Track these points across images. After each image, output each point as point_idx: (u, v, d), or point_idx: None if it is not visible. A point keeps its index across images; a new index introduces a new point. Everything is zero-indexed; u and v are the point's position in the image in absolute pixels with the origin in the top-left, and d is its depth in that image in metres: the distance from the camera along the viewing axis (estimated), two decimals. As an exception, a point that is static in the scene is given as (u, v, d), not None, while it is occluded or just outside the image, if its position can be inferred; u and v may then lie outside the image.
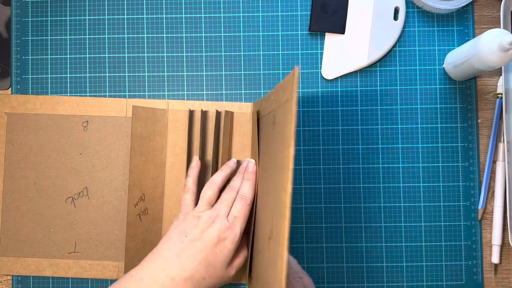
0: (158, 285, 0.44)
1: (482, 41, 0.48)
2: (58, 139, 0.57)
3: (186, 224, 0.48)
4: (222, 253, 0.46)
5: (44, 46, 0.58)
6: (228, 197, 0.49)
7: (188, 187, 0.52)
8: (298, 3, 0.58)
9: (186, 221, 0.48)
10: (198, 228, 0.47)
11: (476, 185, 0.56)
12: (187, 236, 0.47)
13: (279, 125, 0.43)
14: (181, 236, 0.47)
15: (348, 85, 0.58)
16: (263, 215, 0.47)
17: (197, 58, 0.58)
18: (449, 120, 0.57)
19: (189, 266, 0.45)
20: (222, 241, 0.46)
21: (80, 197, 0.56)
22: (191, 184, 0.52)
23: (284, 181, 0.38)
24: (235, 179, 0.52)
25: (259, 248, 0.48)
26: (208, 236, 0.46)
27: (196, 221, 0.48)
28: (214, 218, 0.47)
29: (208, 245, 0.46)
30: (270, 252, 0.42)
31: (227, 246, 0.47)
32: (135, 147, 0.54)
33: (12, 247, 0.56)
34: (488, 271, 0.56)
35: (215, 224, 0.47)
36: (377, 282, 0.56)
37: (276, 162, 0.43)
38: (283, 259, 0.37)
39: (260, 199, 0.49)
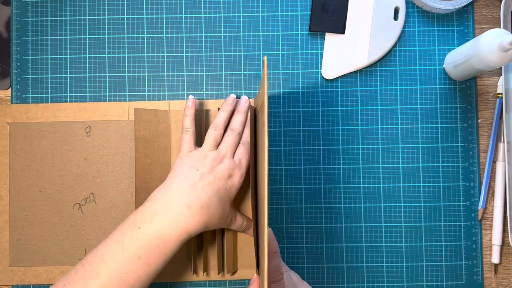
0: (174, 214, 0.44)
1: (482, 41, 0.48)
2: (62, 146, 0.57)
3: (194, 160, 0.49)
4: (230, 190, 0.49)
5: (44, 46, 0.58)
6: (231, 140, 0.51)
7: (186, 127, 0.52)
8: (298, 3, 0.58)
9: (193, 158, 0.49)
10: (208, 164, 0.48)
11: (476, 185, 0.56)
12: (198, 170, 0.47)
13: (260, 119, 0.45)
14: (192, 170, 0.48)
15: (348, 85, 0.58)
16: (261, 208, 0.48)
17: (197, 58, 0.58)
18: (449, 120, 0.57)
19: (204, 196, 0.46)
20: (230, 178, 0.49)
21: (87, 202, 0.56)
22: (189, 124, 0.52)
23: (262, 173, 0.40)
24: (235, 118, 0.52)
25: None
26: (219, 171, 0.48)
27: (204, 159, 0.49)
28: (222, 157, 0.49)
29: (220, 179, 0.48)
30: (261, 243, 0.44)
31: (235, 183, 0.49)
32: (140, 150, 0.54)
33: (22, 256, 0.56)
34: (488, 271, 0.56)
35: (224, 162, 0.49)
36: (377, 282, 0.56)
37: (261, 155, 0.44)
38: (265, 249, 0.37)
39: (259, 194, 0.50)
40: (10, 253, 0.56)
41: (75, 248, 0.56)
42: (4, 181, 0.56)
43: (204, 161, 0.49)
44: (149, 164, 0.54)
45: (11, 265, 0.56)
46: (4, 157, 0.57)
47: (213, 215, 0.46)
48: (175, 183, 0.47)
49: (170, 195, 0.46)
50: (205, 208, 0.46)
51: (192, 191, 0.46)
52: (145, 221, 0.45)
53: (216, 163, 0.49)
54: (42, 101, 0.58)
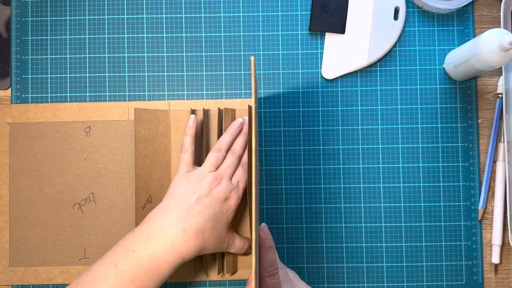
0: (169, 238, 0.45)
1: (482, 41, 0.48)
2: (62, 146, 0.57)
3: (192, 182, 0.49)
4: (227, 213, 0.48)
5: (44, 46, 0.58)
6: (230, 162, 0.51)
7: (186, 146, 0.51)
8: (298, 3, 0.58)
9: (190, 179, 0.49)
10: (205, 187, 0.48)
11: (476, 185, 0.56)
12: (195, 193, 0.47)
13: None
14: (189, 193, 0.47)
15: (348, 85, 0.58)
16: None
17: (197, 58, 0.58)
18: (449, 120, 0.57)
19: (200, 220, 0.46)
20: (227, 201, 0.48)
21: (87, 202, 0.56)
22: (189, 144, 0.52)
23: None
24: (237, 141, 0.53)
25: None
26: (216, 194, 0.48)
27: (201, 180, 0.49)
28: (219, 179, 0.49)
29: (216, 202, 0.48)
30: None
31: (231, 205, 0.49)
32: (140, 150, 0.54)
33: (22, 256, 0.56)
34: (488, 271, 0.56)
35: (221, 185, 0.49)
36: (377, 282, 0.56)
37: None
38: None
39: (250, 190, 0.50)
40: (10, 253, 0.56)
41: (75, 248, 0.56)
42: (4, 181, 0.56)
43: (202, 182, 0.48)
44: (149, 164, 0.54)
45: (11, 265, 0.56)
46: (4, 157, 0.57)
47: (208, 239, 0.46)
48: (171, 206, 0.47)
49: (165, 219, 0.46)
50: (200, 232, 0.46)
51: (188, 215, 0.46)
52: (140, 244, 0.45)
53: (214, 185, 0.48)
54: (42, 101, 0.58)
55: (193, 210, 0.46)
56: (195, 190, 0.48)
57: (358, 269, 0.56)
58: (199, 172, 0.50)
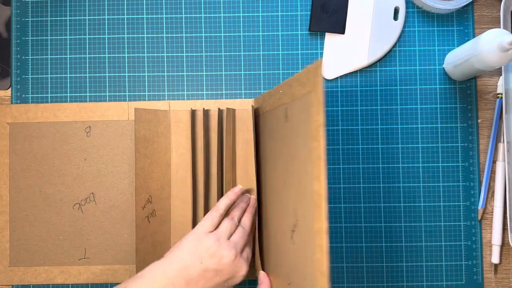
0: None
1: (482, 41, 0.48)
2: (62, 146, 0.57)
3: (204, 248, 0.46)
4: (229, 285, 0.47)
5: (44, 46, 0.58)
6: (243, 234, 0.49)
7: (220, 207, 0.50)
8: (298, 3, 0.58)
9: (203, 244, 0.46)
10: (217, 260, 0.46)
11: (476, 185, 0.56)
12: (202, 263, 0.45)
13: (295, 118, 0.42)
14: (195, 260, 0.46)
15: (348, 85, 0.58)
16: (276, 209, 0.47)
17: (197, 58, 0.58)
18: (449, 120, 0.57)
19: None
20: (235, 276, 0.47)
21: (87, 202, 0.56)
22: (225, 206, 0.50)
23: (316, 171, 0.37)
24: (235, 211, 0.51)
25: (276, 242, 0.48)
26: (226, 270, 0.46)
27: (216, 250, 0.46)
28: (236, 255, 0.46)
29: (222, 278, 0.46)
30: (295, 245, 0.42)
31: (238, 281, 0.47)
32: (140, 150, 0.54)
33: (22, 256, 0.56)
34: (488, 271, 0.56)
35: (237, 263, 0.46)
36: (377, 282, 0.56)
37: (295, 155, 0.42)
38: (323, 248, 0.36)
39: (267, 195, 0.49)
40: (10, 253, 0.56)
41: (75, 248, 0.56)
42: (4, 181, 0.56)
43: (213, 252, 0.46)
44: (149, 164, 0.54)
45: (11, 265, 0.56)
46: (4, 157, 0.57)
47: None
48: (172, 272, 0.45)
49: (164, 280, 0.45)
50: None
51: (186, 284, 0.45)
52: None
53: (226, 263, 0.46)
54: (42, 101, 0.58)
55: (192, 281, 0.45)
56: (204, 260, 0.45)
57: (357, 269, 0.56)
58: (214, 241, 0.46)
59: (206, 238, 0.47)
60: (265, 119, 0.52)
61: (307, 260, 0.40)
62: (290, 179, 0.44)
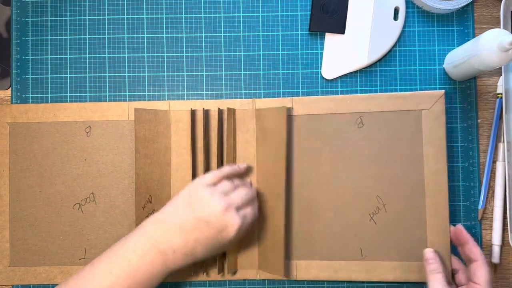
0: (159, 252, 0.46)
1: (482, 41, 0.48)
2: (62, 146, 0.57)
3: (197, 198, 0.47)
4: (222, 239, 0.47)
5: (44, 46, 0.58)
6: (243, 194, 0.49)
7: (226, 172, 0.51)
8: (298, 3, 0.58)
9: (198, 194, 0.47)
10: (207, 209, 0.46)
11: (476, 185, 0.56)
12: (193, 212, 0.46)
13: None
14: (188, 210, 0.47)
15: (348, 85, 0.58)
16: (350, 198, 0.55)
17: (197, 58, 0.58)
18: (449, 120, 0.57)
19: (190, 243, 0.46)
20: (226, 229, 0.47)
21: (87, 202, 0.56)
22: (229, 171, 0.51)
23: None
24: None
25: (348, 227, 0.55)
26: (216, 222, 0.46)
27: (208, 200, 0.47)
28: (227, 207, 0.46)
29: (213, 230, 0.46)
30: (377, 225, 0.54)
31: (230, 235, 0.47)
32: (140, 150, 0.54)
33: (22, 256, 0.56)
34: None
35: (226, 215, 0.46)
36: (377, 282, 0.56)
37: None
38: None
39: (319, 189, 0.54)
40: (10, 253, 0.56)
41: (75, 248, 0.56)
42: (4, 181, 0.56)
43: (207, 202, 0.47)
44: (149, 164, 0.54)
45: (11, 265, 0.56)
46: (4, 157, 0.57)
47: (198, 258, 0.47)
48: (167, 220, 0.47)
49: (158, 234, 0.46)
50: (189, 255, 0.46)
51: (180, 234, 0.46)
52: (135, 254, 0.46)
53: (217, 212, 0.46)
54: (42, 101, 0.58)
55: (185, 229, 0.46)
56: (195, 210, 0.46)
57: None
58: (208, 193, 0.47)
59: (202, 190, 0.48)
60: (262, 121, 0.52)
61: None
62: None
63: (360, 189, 0.55)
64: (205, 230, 0.46)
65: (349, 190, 0.55)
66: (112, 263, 0.46)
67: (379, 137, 0.55)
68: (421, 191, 0.54)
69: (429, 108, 0.54)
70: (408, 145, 0.54)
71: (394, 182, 0.54)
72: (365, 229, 0.54)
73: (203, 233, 0.46)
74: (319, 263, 0.55)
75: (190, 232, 0.46)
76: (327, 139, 0.55)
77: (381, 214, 0.54)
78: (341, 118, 0.55)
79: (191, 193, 0.48)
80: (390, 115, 0.55)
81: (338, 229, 0.55)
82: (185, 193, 0.48)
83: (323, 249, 0.55)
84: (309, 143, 0.55)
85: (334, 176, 0.55)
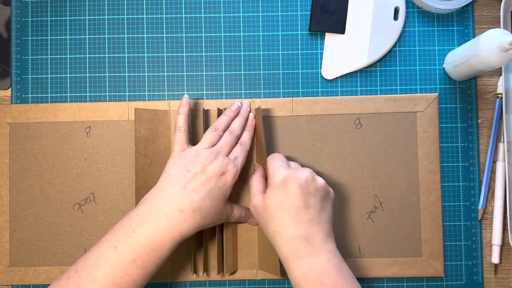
0: (167, 218, 0.45)
1: (482, 41, 0.48)
2: (62, 146, 0.57)
3: (186, 160, 0.48)
4: (224, 188, 0.48)
5: (44, 46, 0.58)
6: (228, 140, 0.51)
7: (179, 125, 0.51)
8: (298, 3, 0.58)
9: (185, 157, 0.49)
10: (199, 163, 0.48)
11: (476, 185, 0.56)
12: (189, 171, 0.47)
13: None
14: (183, 171, 0.47)
15: (348, 85, 0.58)
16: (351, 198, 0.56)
17: (197, 58, 0.58)
18: (449, 120, 0.57)
19: (196, 198, 0.46)
20: (224, 175, 0.48)
21: (87, 202, 0.56)
22: (182, 122, 0.51)
23: None
24: (235, 121, 0.53)
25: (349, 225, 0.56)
26: (211, 170, 0.47)
27: (196, 157, 0.48)
28: (216, 154, 0.48)
29: (212, 178, 0.47)
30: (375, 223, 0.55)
31: (228, 181, 0.48)
32: (140, 150, 0.54)
33: (22, 256, 0.56)
34: (488, 271, 0.56)
35: (217, 160, 0.48)
36: (377, 282, 0.56)
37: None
38: None
39: None
40: (10, 253, 0.56)
41: (75, 248, 0.56)
42: (4, 181, 0.56)
43: (197, 159, 0.48)
44: (149, 164, 0.54)
45: (11, 265, 0.56)
46: (4, 157, 0.57)
47: (206, 216, 0.47)
48: (167, 185, 0.47)
49: (162, 199, 0.46)
50: (197, 210, 0.46)
51: (184, 194, 0.46)
52: (139, 225, 0.45)
53: (209, 162, 0.48)
54: (42, 101, 0.58)
55: (188, 188, 0.46)
56: (189, 168, 0.47)
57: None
58: (194, 150, 0.49)
59: (189, 152, 0.49)
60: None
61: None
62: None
63: (358, 188, 0.55)
64: (206, 181, 0.47)
65: (347, 189, 0.55)
66: (117, 236, 0.45)
67: (376, 138, 0.55)
68: (416, 190, 0.55)
69: (423, 110, 0.55)
70: (404, 146, 0.55)
71: (391, 181, 0.55)
72: (363, 227, 0.55)
73: (205, 185, 0.47)
74: None
75: (193, 189, 0.46)
76: (326, 139, 0.56)
77: (378, 213, 0.55)
78: (340, 119, 0.56)
79: (183, 156, 0.49)
80: (387, 116, 0.56)
81: (337, 228, 0.55)
82: (176, 160, 0.49)
83: None
84: (308, 143, 0.56)
85: (333, 175, 0.55)
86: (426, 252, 0.55)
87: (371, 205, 0.55)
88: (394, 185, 0.55)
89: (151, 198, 0.47)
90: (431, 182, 0.55)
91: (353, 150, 0.56)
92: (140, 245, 0.44)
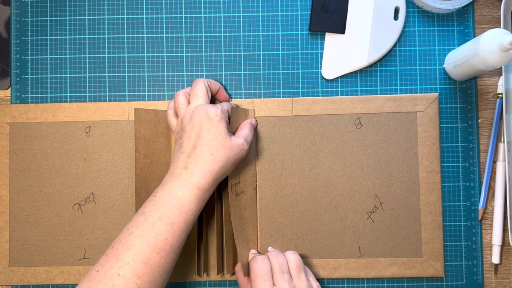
0: (180, 175, 0.47)
1: (482, 41, 0.48)
2: (62, 146, 0.57)
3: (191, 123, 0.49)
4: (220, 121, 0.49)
5: (44, 46, 0.58)
6: (227, 104, 0.53)
7: (177, 93, 0.53)
8: (298, 3, 0.58)
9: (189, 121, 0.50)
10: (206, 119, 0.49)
11: (476, 185, 0.56)
12: (198, 129, 0.48)
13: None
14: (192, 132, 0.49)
15: (348, 85, 0.58)
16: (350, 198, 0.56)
17: (197, 58, 0.58)
18: (449, 120, 0.57)
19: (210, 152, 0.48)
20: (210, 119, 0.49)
21: (87, 203, 0.56)
22: (180, 91, 0.53)
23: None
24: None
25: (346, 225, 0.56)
26: (217, 120, 0.49)
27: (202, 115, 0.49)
28: (221, 110, 0.50)
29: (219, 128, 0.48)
30: (375, 222, 0.56)
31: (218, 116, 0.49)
32: (140, 150, 0.54)
33: (22, 256, 0.56)
34: (488, 271, 0.56)
35: (222, 112, 0.50)
36: (377, 282, 0.56)
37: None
38: None
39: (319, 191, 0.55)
40: (10, 253, 0.56)
41: (74, 248, 0.56)
42: (4, 181, 0.56)
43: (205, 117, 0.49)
44: (149, 164, 0.54)
45: (11, 265, 0.56)
46: (4, 157, 0.57)
47: (224, 164, 0.48)
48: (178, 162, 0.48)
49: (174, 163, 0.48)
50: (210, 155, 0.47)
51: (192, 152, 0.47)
52: (158, 190, 0.47)
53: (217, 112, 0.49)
54: (42, 101, 0.58)
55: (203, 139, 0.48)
56: (197, 130, 0.48)
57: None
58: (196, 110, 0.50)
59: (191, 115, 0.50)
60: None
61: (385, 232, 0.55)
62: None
63: (358, 188, 0.55)
64: (214, 130, 0.48)
65: (347, 190, 0.55)
66: (144, 205, 0.47)
67: (377, 138, 0.55)
68: (416, 189, 0.55)
69: (424, 110, 0.55)
70: (404, 146, 0.55)
71: (391, 181, 0.55)
72: (363, 227, 0.55)
73: (214, 133, 0.48)
74: (318, 261, 0.55)
75: (206, 140, 0.48)
76: (326, 139, 0.56)
77: (378, 213, 0.55)
78: (340, 119, 0.56)
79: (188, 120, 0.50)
80: (387, 116, 0.55)
81: (337, 228, 0.55)
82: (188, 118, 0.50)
83: (322, 248, 0.55)
84: (308, 143, 0.56)
85: (333, 175, 0.55)
86: (426, 252, 0.55)
87: (371, 205, 0.55)
88: (394, 185, 0.55)
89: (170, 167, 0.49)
90: (431, 182, 0.55)
91: (353, 150, 0.55)
92: (162, 203, 0.46)
